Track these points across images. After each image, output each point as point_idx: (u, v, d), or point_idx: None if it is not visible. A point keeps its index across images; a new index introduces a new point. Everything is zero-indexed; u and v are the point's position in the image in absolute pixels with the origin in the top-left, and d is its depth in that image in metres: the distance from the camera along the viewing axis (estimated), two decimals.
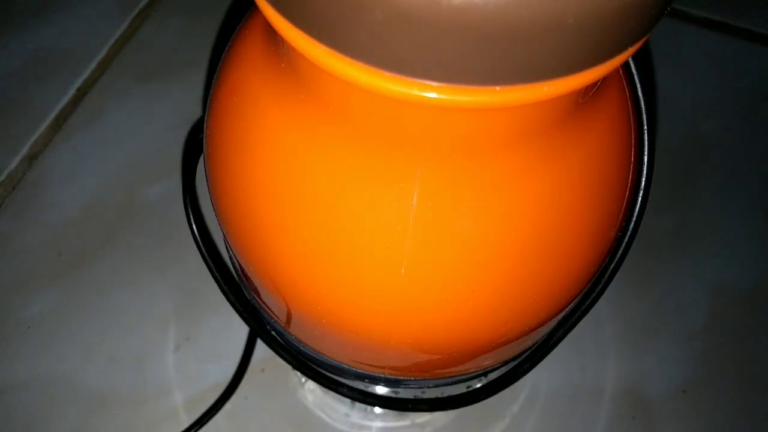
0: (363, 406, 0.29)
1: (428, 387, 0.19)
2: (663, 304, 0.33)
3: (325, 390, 0.29)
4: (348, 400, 0.29)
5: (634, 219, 0.17)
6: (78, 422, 0.29)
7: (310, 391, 0.30)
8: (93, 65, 0.39)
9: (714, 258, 0.34)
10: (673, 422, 0.30)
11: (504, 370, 0.20)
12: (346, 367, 0.18)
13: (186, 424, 0.29)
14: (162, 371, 0.31)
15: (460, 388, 0.20)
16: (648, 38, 0.09)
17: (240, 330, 0.32)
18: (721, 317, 0.33)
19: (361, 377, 0.18)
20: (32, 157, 0.36)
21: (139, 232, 0.34)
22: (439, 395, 0.20)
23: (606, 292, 0.33)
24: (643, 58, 0.40)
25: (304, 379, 0.30)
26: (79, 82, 0.39)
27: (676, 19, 0.42)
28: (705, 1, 0.43)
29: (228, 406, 0.30)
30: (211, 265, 0.22)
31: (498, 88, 0.09)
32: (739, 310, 0.33)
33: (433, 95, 0.09)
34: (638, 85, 0.15)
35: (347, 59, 0.09)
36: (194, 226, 0.22)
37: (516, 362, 0.20)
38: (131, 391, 0.30)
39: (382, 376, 0.17)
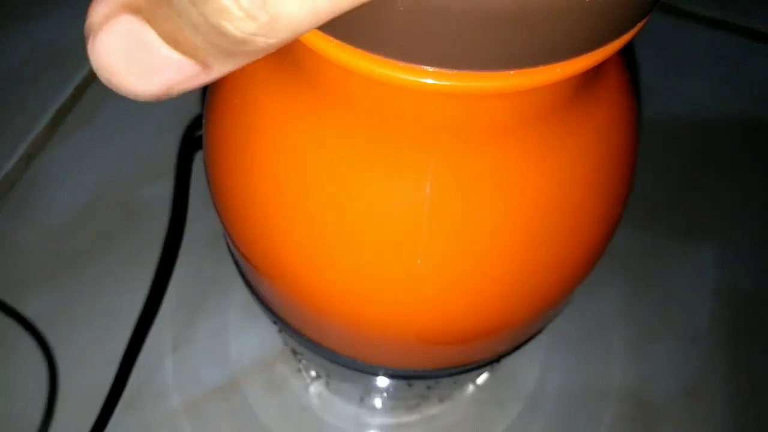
0: (370, 404, 0.29)
1: (442, 377, 0.19)
2: (666, 306, 0.33)
3: (332, 391, 0.29)
4: (356, 399, 0.29)
5: None
6: (76, 424, 0.29)
7: (316, 393, 0.30)
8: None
9: (717, 259, 0.34)
10: (676, 425, 0.30)
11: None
12: (363, 363, 0.17)
13: (186, 425, 0.29)
14: (161, 372, 0.30)
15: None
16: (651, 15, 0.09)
17: (240, 329, 0.32)
18: (724, 319, 0.33)
19: (375, 371, 0.18)
20: (29, 157, 0.36)
21: (137, 232, 0.34)
22: (452, 383, 0.20)
23: (609, 294, 0.33)
24: (643, 56, 0.40)
25: (309, 379, 0.30)
26: (76, 80, 0.38)
27: (679, 18, 0.42)
28: None
29: (229, 405, 0.30)
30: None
31: (512, 72, 0.09)
32: (742, 312, 0.33)
33: (446, 83, 0.09)
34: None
35: (358, 51, 0.09)
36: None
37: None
38: (130, 392, 0.30)
39: (399, 369, 0.17)
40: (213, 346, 0.31)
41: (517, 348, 0.19)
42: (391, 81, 0.09)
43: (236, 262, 0.19)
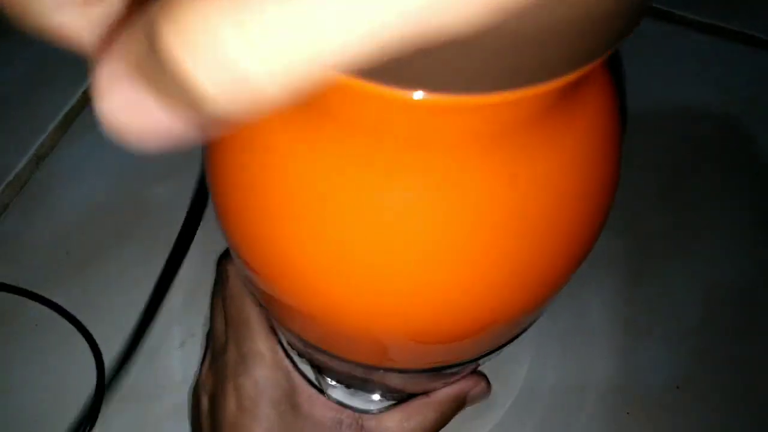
0: (365, 396, 0.30)
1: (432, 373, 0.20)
2: (657, 301, 0.34)
3: (326, 386, 0.30)
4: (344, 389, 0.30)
5: None
6: (86, 417, 0.30)
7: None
8: None
9: (707, 257, 0.35)
10: (667, 418, 0.31)
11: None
12: (358, 363, 0.18)
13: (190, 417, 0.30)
14: (168, 367, 0.31)
15: None
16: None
17: None
18: (714, 315, 0.33)
19: (371, 369, 0.19)
20: (39, 158, 0.37)
21: (145, 232, 0.35)
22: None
23: (600, 291, 0.34)
24: (635, 60, 0.41)
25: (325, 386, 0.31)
26: (86, 83, 0.39)
27: (671, 23, 0.43)
28: (699, 4, 0.44)
29: None
30: None
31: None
32: (732, 308, 0.34)
33: (433, 96, 0.10)
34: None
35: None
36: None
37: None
38: (138, 386, 0.31)
39: (398, 368, 0.18)
40: None
41: (510, 341, 0.20)
42: (382, 94, 0.10)
43: (244, 278, 0.20)
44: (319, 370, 0.28)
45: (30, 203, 0.36)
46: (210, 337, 0.28)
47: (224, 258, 0.27)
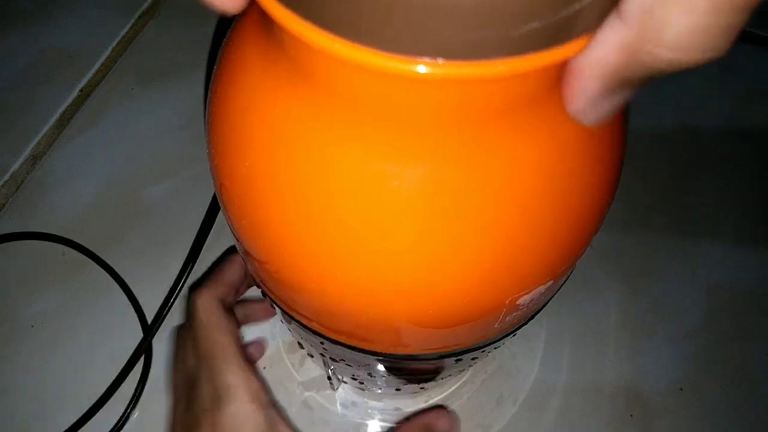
0: (373, 393, 0.30)
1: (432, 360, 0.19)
2: (661, 302, 0.33)
3: (337, 384, 0.29)
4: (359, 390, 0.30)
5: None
6: (80, 419, 0.30)
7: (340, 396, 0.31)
8: (96, 67, 0.40)
9: (711, 257, 0.35)
10: (671, 420, 0.31)
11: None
12: (374, 352, 0.18)
13: None
14: (163, 369, 0.31)
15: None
16: None
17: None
18: (718, 316, 0.33)
19: (399, 358, 0.18)
20: (36, 158, 0.37)
21: (142, 232, 0.35)
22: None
23: (604, 291, 0.33)
24: None
25: (337, 383, 0.31)
26: (82, 83, 0.39)
27: None
28: None
29: None
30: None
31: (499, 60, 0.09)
32: (735, 309, 0.33)
33: (438, 71, 0.09)
34: None
35: (353, 44, 0.09)
36: None
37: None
38: (132, 388, 0.30)
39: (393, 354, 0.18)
40: None
41: (520, 327, 0.19)
42: (386, 70, 0.09)
43: (243, 259, 0.19)
44: (331, 369, 0.27)
45: (26, 203, 0.35)
46: (177, 377, 0.26)
47: (193, 290, 0.26)
